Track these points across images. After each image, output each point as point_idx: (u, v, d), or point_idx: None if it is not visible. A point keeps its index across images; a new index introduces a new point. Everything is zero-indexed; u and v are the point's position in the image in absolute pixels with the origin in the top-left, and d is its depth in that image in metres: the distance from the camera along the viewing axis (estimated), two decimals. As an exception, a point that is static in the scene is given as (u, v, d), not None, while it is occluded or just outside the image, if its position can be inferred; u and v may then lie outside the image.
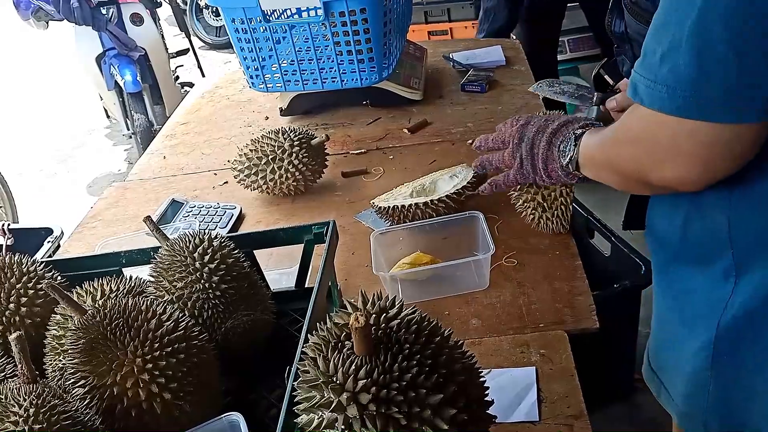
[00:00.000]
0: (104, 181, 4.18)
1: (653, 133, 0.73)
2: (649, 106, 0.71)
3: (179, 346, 0.86)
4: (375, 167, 1.68)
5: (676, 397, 0.95)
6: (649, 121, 0.72)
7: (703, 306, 0.85)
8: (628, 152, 0.79)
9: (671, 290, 0.93)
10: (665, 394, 0.98)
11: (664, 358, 0.98)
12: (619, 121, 0.84)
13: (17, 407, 0.74)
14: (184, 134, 2.09)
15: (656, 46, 0.70)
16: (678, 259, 0.90)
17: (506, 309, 1.17)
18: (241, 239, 1.11)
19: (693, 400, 0.91)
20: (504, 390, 0.98)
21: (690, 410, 0.92)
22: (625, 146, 0.80)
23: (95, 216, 1.69)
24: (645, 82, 0.71)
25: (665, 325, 0.96)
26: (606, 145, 0.88)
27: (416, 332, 0.75)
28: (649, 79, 0.71)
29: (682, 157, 0.71)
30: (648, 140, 0.74)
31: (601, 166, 0.92)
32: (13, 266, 1.03)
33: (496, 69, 2.11)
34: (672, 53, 0.68)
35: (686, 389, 0.92)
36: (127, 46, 3.80)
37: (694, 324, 0.87)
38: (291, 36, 1.72)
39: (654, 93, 0.70)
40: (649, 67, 0.71)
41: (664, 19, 0.69)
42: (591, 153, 0.94)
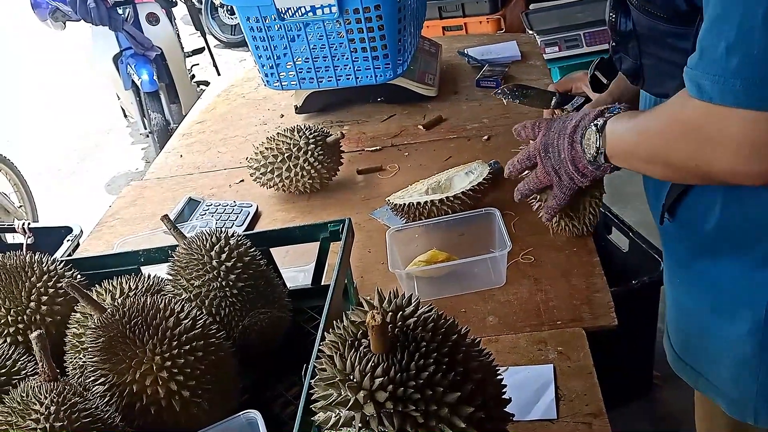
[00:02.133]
0: (122, 180, 4.22)
1: (722, 127, 0.70)
2: (720, 102, 0.69)
3: (197, 344, 0.87)
4: (390, 164, 1.68)
5: (723, 385, 0.94)
6: (717, 116, 0.70)
7: (743, 293, 0.85)
8: (686, 147, 0.76)
9: (699, 282, 0.93)
10: (704, 382, 0.97)
11: (699, 348, 0.96)
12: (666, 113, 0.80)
13: (38, 405, 0.75)
14: (200, 133, 2.10)
15: (717, 40, 0.67)
16: (709, 249, 0.89)
17: (523, 306, 1.16)
18: (258, 237, 1.11)
19: (742, 386, 0.90)
20: (521, 388, 0.98)
21: (740, 396, 0.92)
22: (681, 141, 0.77)
23: (114, 215, 1.71)
24: (711, 78, 0.69)
25: (693, 317, 0.95)
26: (652, 138, 0.84)
27: (433, 330, 0.75)
28: (716, 74, 0.68)
29: (755, 149, 0.69)
30: (715, 135, 0.71)
31: (646, 160, 0.87)
32: (33, 265, 1.04)
33: (512, 64, 2.09)
34: (742, 44, 0.66)
35: (733, 376, 0.91)
36: (143, 45, 3.83)
37: (734, 312, 0.87)
38: (305, 33, 1.72)
39: (726, 88, 0.68)
40: (712, 62, 0.69)
41: (722, 12, 0.67)
42: (629, 146, 0.90)
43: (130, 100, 4.09)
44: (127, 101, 4.22)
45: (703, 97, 0.70)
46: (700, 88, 0.71)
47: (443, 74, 2.07)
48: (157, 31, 4.04)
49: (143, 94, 3.91)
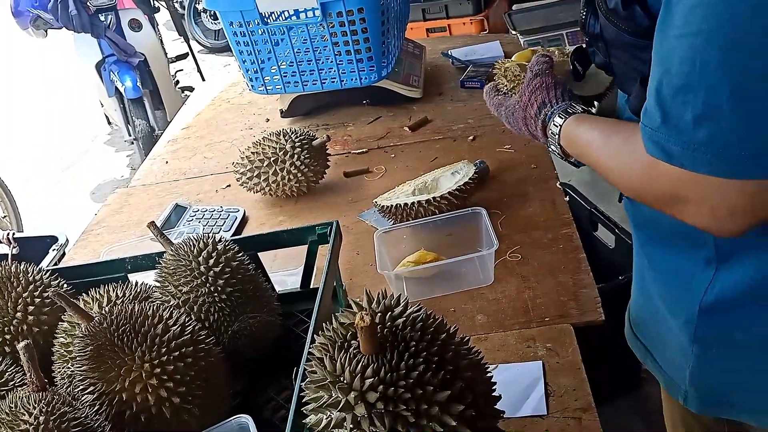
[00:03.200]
0: (108, 188, 4.19)
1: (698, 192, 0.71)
2: (694, 170, 0.69)
3: (186, 350, 0.87)
4: (377, 166, 1.69)
5: (664, 365, 0.99)
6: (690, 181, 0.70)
7: (685, 288, 0.89)
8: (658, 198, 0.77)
9: (654, 267, 0.97)
10: (651, 360, 1.02)
11: (648, 326, 1.02)
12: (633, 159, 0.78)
13: (27, 415, 0.75)
14: (185, 138, 2.09)
15: (683, 110, 0.68)
16: (664, 240, 0.93)
17: (511, 304, 1.17)
18: (245, 242, 1.11)
19: (676, 371, 0.96)
20: (511, 385, 0.98)
21: (675, 378, 0.97)
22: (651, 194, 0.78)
23: (99, 223, 1.70)
24: (679, 144, 0.69)
25: (648, 296, 1.00)
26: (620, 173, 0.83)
27: (422, 330, 0.76)
28: (685, 141, 0.69)
29: (729, 211, 0.70)
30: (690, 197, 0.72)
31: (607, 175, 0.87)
32: (19, 275, 1.03)
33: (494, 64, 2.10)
34: (710, 117, 0.66)
35: (670, 359, 0.97)
36: (126, 52, 3.81)
37: (677, 303, 0.91)
38: (289, 37, 1.73)
39: (696, 157, 0.68)
40: (678, 130, 0.69)
41: (686, 82, 0.67)
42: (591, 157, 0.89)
43: (113, 108, 4.07)
44: (110, 108, 4.19)
45: (673, 162, 0.71)
46: (668, 153, 0.71)
47: (428, 76, 2.08)
48: (140, 38, 4.01)
49: (127, 100, 3.89)
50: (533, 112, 0.99)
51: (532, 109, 0.99)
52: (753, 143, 0.66)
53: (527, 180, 1.48)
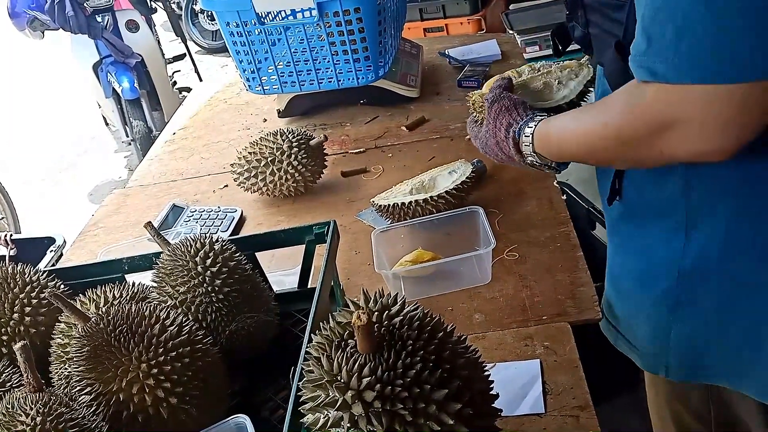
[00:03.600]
0: (105, 189, 4.18)
1: (683, 107, 0.71)
2: (678, 80, 0.70)
3: (184, 351, 0.87)
4: (374, 166, 1.69)
5: (637, 342, 1.04)
6: (675, 96, 0.71)
7: (661, 257, 0.93)
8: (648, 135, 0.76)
9: (625, 247, 1.01)
10: (623, 340, 1.07)
11: (621, 309, 1.06)
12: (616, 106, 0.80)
13: (24, 416, 0.75)
14: (183, 139, 2.09)
15: (664, 27, 0.70)
16: (634, 214, 0.96)
17: (509, 303, 1.17)
18: (243, 242, 1.11)
19: (656, 343, 1.00)
20: (509, 383, 0.98)
21: (653, 353, 1.01)
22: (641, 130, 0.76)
23: (96, 223, 1.70)
24: (663, 61, 0.70)
25: (620, 280, 1.04)
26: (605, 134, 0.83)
27: (419, 329, 0.76)
28: (668, 57, 0.70)
29: (719, 123, 0.70)
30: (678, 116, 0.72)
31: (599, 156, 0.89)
32: (16, 276, 1.03)
33: (493, 63, 2.10)
34: (689, 27, 0.68)
35: (648, 334, 1.00)
36: (123, 53, 3.80)
37: (653, 275, 0.95)
38: (286, 37, 1.72)
39: (680, 66, 0.69)
40: (662, 48, 0.71)
41: (664, 3, 0.70)
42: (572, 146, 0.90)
43: (111, 108, 4.06)
44: (108, 109, 4.18)
45: (658, 79, 0.71)
46: (653, 73, 0.72)
47: (425, 75, 2.08)
48: (137, 38, 4.01)
49: (124, 101, 3.88)
50: (502, 135, 0.99)
51: (500, 133, 1.00)
52: (730, 46, 0.67)
53: (524, 179, 1.48)
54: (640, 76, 0.74)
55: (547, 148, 0.94)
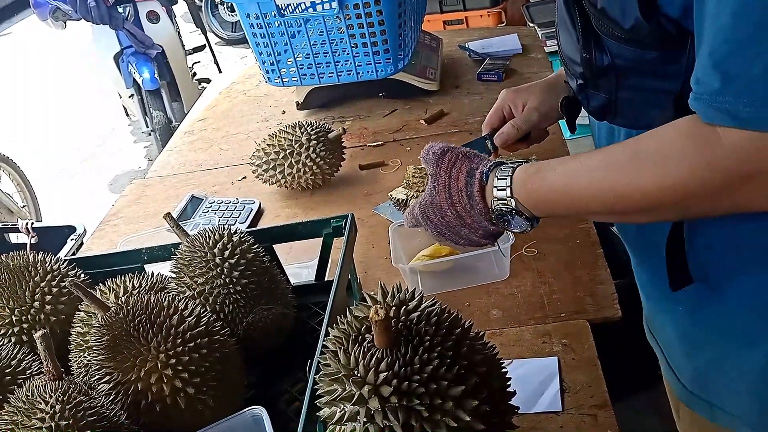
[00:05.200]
0: (125, 179, 4.22)
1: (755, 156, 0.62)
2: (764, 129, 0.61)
3: (201, 341, 0.87)
4: (392, 159, 1.68)
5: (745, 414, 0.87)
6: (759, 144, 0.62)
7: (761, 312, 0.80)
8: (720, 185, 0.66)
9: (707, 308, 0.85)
10: (722, 414, 0.89)
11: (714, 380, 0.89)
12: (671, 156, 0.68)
13: (43, 404, 0.75)
14: (202, 130, 2.10)
15: (748, 65, 0.62)
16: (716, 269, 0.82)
17: (527, 299, 1.16)
18: (261, 234, 1.11)
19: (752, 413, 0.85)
20: (526, 380, 0.98)
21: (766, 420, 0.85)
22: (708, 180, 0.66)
23: (116, 213, 1.71)
24: (750, 102, 0.61)
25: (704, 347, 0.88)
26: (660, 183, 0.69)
27: (436, 324, 0.75)
28: (756, 99, 0.61)
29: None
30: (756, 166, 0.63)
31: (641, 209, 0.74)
32: (37, 265, 1.04)
33: (513, 57, 2.09)
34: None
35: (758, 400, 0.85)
36: (144, 43, 3.83)
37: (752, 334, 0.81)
38: (306, 30, 1.72)
39: None
40: (748, 88, 0.62)
41: (748, 35, 0.61)
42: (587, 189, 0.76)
43: (131, 99, 4.09)
44: (128, 100, 4.22)
45: (743, 125, 0.62)
46: (735, 117, 0.62)
47: (444, 68, 2.06)
48: (157, 29, 4.03)
49: (145, 92, 3.91)
50: (461, 184, 0.85)
51: (458, 183, 0.85)
52: None
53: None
54: (713, 119, 0.64)
55: (535, 196, 0.80)
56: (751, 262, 0.79)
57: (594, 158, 0.77)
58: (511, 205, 0.81)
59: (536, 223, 0.82)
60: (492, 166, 0.84)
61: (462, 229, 0.86)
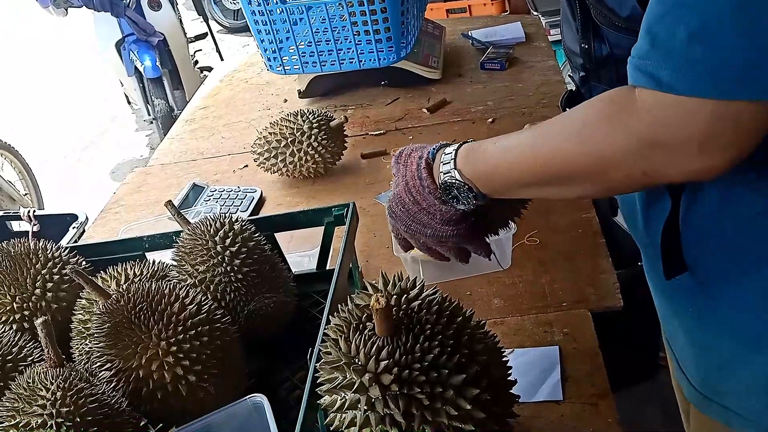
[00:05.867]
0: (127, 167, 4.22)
1: (685, 122, 0.62)
2: (682, 93, 0.61)
3: (203, 329, 0.87)
4: (394, 148, 1.66)
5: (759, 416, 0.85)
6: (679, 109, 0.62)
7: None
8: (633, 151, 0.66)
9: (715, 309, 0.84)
10: (736, 417, 0.87)
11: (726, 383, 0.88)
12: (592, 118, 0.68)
13: (44, 391, 0.76)
14: (203, 118, 2.10)
15: (675, 28, 0.61)
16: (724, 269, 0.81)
17: (529, 288, 1.16)
18: (262, 222, 1.11)
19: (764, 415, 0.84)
20: (527, 369, 0.98)
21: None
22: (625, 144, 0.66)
23: (118, 201, 1.71)
24: (671, 66, 0.61)
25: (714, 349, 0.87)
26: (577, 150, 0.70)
27: (437, 313, 0.75)
28: (677, 63, 0.61)
29: (720, 142, 0.62)
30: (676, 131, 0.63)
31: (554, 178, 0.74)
32: (38, 252, 1.04)
33: (516, 46, 2.08)
34: (707, 33, 0.60)
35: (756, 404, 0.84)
36: (145, 31, 3.81)
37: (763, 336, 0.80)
38: (308, 17, 1.71)
39: (688, 77, 0.61)
40: (670, 51, 0.62)
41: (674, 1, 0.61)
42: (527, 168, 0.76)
43: (133, 87, 4.08)
44: (130, 88, 4.21)
45: (662, 87, 0.62)
46: (657, 79, 0.62)
47: (447, 57, 2.05)
48: (159, 17, 4.01)
49: (146, 80, 3.90)
50: (413, 168, 0.84)
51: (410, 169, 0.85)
52: (753, 59, 0.59)
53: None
54: (636, 80, 0.64)
55: (477, 168, 0.79)
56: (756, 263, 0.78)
57: (530, 131, 0.76)
58: (455, 176, 0.80)
59: (481, 199, 0.80)
60: (439, 147, 0.84)
61: (421, 215, 0.85)
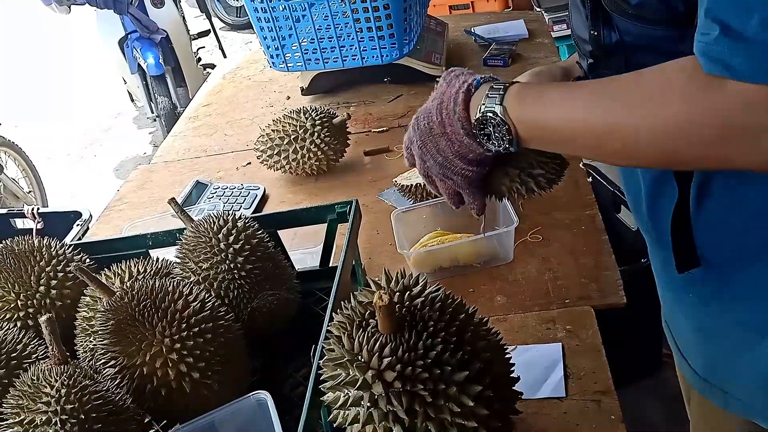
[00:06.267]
0: (130, 164, 4.23)
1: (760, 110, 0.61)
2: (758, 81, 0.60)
3: (206, 327, 0.87)
4: (397, 145, 1.67)
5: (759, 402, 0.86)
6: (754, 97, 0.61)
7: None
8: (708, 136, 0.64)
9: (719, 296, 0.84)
10: (736, 402, 0.89)
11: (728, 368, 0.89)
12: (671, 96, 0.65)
13: (49, 388, 0.76)
14: (206, 116, 2.10)
15: (746, 16, 0.60)
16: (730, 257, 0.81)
17: (531, 285, 1.16)
18: (265, 220, 1.11)
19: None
20: (530, 366, 0.98)
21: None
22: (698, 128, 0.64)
23: (122, 199, 1.71)
24: (745, 54, 0.60)
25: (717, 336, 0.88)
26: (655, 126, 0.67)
27: (440, 310, 0.75)
28: (751, 49, 0.60)
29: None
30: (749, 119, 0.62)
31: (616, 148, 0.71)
32: (42, 249, 1.04)
33: (519, 42, 2.07)
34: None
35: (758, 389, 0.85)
36: (148, 28, 3.81)
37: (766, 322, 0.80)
38: (310, 14, 1.71)
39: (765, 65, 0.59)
40: (742, 37, 0.60)
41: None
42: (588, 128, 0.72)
43: (136, 84, 4.08)
44: (133, 85, 4.21)
45: (737, 75, 0.61)
46: (728, 67, 0.61)
47: (450, 53, 2.05)
48: (162, 14, 4.01)
49: (149, 77, 3.90)
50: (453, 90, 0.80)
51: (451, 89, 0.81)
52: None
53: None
54: (709, 68, 0.62)
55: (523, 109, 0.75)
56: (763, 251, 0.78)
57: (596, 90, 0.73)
58: (497, 113, 0.75)
59: (514, 145, 0.76)
60: (486, 79, 0.81)
61: (441, 139, 0.82)
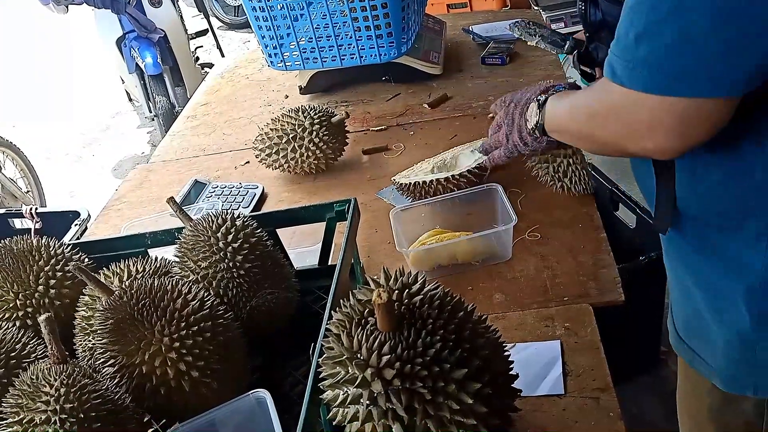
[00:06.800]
0: (128, 164, 4.22)
1: (633, 110, 0.75)
2: (630, 87, 0.74)
3: (205, 325, 0.87)
4: (396, 144, 1.68)
5: (718, 363, 0.94)
6: (628, 99, 0.75)
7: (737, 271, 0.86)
8: (606, 126, 0.82)
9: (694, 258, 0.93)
10: (699, 360, 0.98)
11: (697, 327, 0.97)
12: (592, 94, 0.86)
13: (48, 387, 0.76)
14: (204, 115, 2.10)
15: (629, 28, 0.72)
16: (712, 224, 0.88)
17: (530, 283, 1.16)
18: (264, 218, 1.11)
19: (740, 365, 0.91)
20: (529, 364, 0.98)
21: (737, 374, 0.92)
22: (602, 120, 0.82)
23: (120, 198, 1.71)
24: (623, 63, 0.74)
25: (691, 295, 0.95)
26: (580, 117, 0.90)
27: (439, 307, 0.75)
28: (627, 60, 0.73)
29: (662, 130, 0.74)
30: (628, 117, 0.76)
31: (576, 136, 0.95)
32: (41, 249, 1.04)
33: (517, 41, 2.07)
34: (649, 34, 0.71)
35: (731, 354, 0.91)
36: (146, 28, 3.81)
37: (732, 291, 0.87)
38: (309, 13, 1.71)
39: (634, 74, 0.73)
40: (624, 48, 0.73)
41: (634, 3, 0.72)
42: (562, 123, 0.97)
43: (134, 84, 4.08)
44: (131, 85, 4.20)
45: (615, 80, 0.75)
46: (613, 72, 0.75)
47: (448, 52, 2.05)
48: (160, 14, 4.01)
49: (147, 77, 3.89)
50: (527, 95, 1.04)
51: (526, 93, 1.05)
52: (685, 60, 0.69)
53: (548, 158, 1.46)
54: (605, 72, 0.76)
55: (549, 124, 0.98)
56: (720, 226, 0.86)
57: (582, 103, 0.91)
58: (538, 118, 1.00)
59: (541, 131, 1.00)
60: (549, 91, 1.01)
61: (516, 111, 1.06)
